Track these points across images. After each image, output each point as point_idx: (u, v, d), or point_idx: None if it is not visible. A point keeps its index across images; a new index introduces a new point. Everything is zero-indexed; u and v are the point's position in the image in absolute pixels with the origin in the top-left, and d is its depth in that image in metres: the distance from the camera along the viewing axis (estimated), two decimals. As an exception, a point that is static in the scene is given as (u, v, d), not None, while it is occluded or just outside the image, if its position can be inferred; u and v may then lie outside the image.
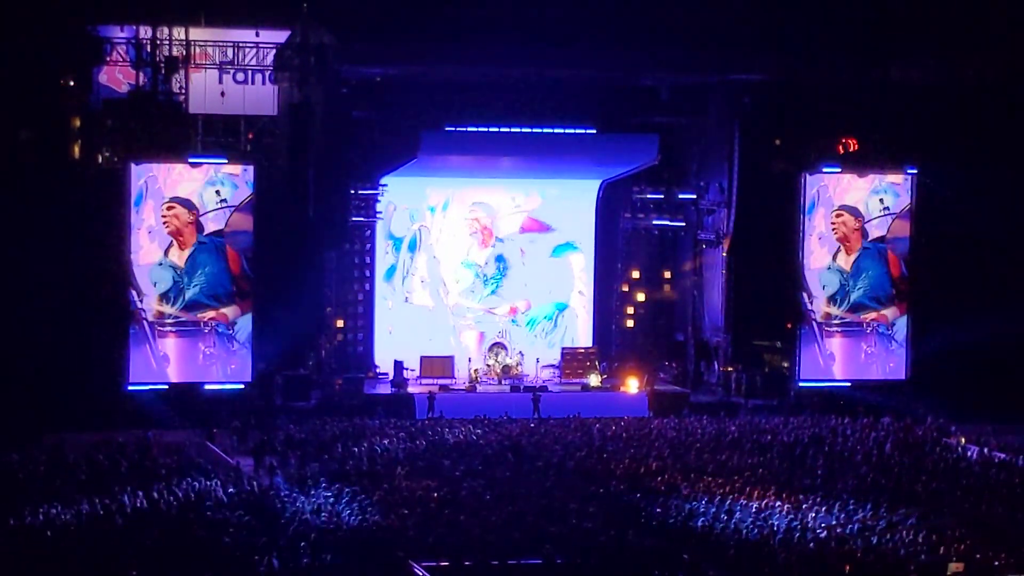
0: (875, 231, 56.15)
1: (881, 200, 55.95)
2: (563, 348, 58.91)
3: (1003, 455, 45.45)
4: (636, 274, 61.92)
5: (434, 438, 46.79)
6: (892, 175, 55.83)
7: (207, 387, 51.98)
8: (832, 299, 56.13)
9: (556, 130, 56.56)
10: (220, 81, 53.71)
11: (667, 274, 62.23)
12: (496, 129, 56.05)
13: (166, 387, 51.66)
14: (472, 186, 59.75)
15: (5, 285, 50.10)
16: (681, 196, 60.60)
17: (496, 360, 58.43)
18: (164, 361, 51.70)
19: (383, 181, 57.09)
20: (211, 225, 51.54)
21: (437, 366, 57.15)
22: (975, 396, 53.18)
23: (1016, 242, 56.33)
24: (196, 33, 52.82)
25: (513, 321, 60.03)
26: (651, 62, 55.57)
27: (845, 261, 56.12)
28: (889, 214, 56.05)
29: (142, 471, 40.99)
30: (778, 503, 38.07)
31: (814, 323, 56.17)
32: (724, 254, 58.34)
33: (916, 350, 56.66)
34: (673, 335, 62.06)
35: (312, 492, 38.28)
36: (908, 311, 56.71)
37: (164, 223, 51.16)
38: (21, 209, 50.48)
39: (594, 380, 57.05)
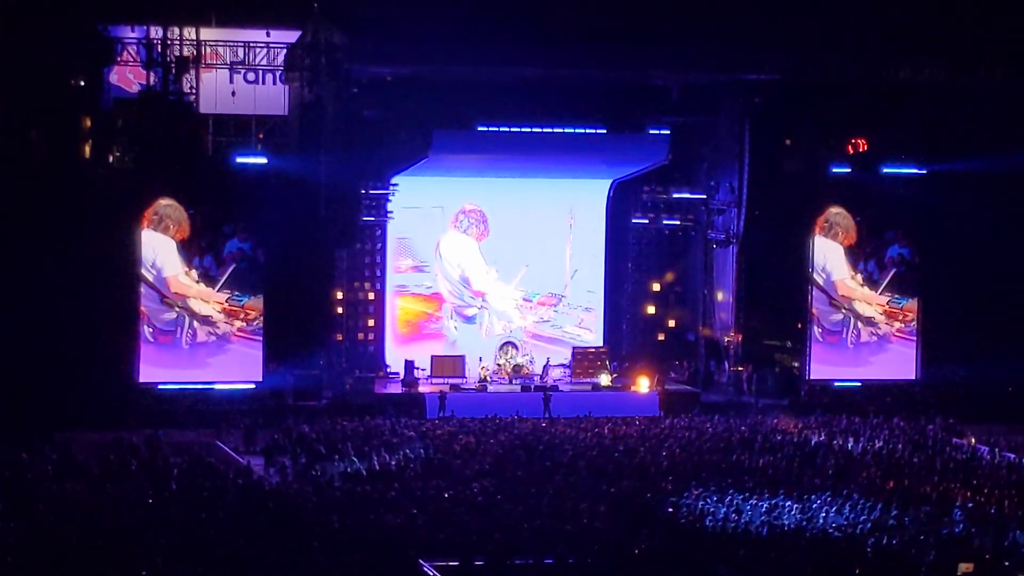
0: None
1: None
2: (574, 348, 58.89)
3: (1012, 455, 45.40)
4: (647, 274, 61.97)
5: (445, 437, 46.81)
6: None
7: (218, 386, 52.09)
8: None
9: (567, 129, 56.49)
10: (231, 81, 53.82)
11: (678, 274, 62.33)
12: (507, 128, 56.03)
13: (176, 386, 51.78)
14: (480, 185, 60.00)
15: (15, 284, 50.17)
16: (692, 196, 60.68)
17: (507, 359, 58.46)
18: (175, 360, 51.84)
19: (394, 180, 57.16)
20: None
21: (448, 365, 57.17)
22: (985, 396, 53.33)
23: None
24: (207, 33, 52.93)
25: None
26: (662, 61, 55.56)
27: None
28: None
29: (152, 470, 41.02)
30: (788, 502, 38.04)
31: (824, 323, 56.34)
32: (735, 254, 58.32)
33: (926, 351, 56.69)
34: (684, 335, 62.06)
35: None
36: (919, 312, 56.77)
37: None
38: (31, 208, 50.57)
39: (605, 380, 57.04)
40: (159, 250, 51.59)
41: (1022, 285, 56.15)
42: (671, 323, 62.22)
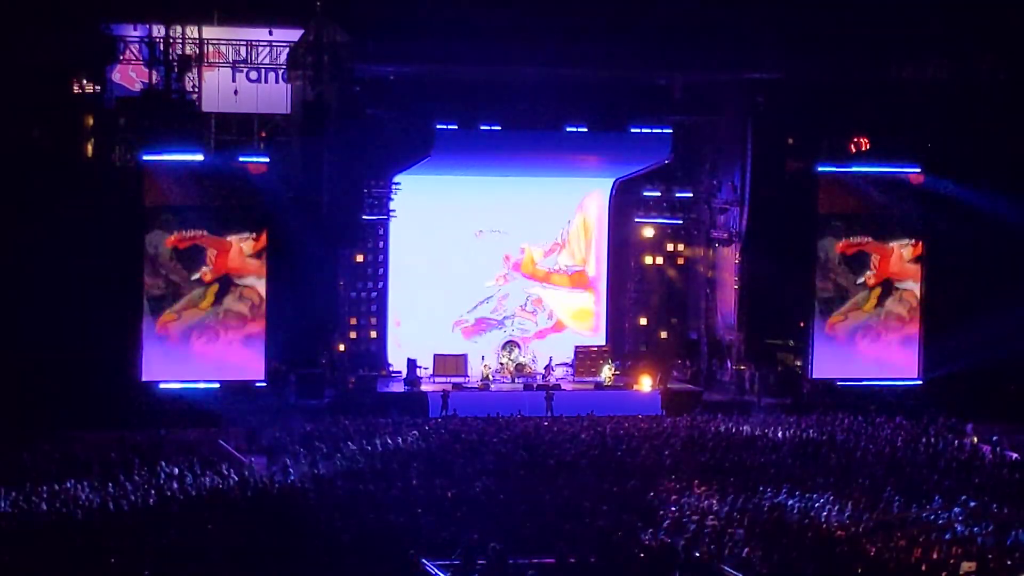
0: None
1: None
2: (576, 347, 58.92)
3: (1015, 455, 45.39)
4: (649, 273, 61.96)
5: (447, 436, 46.82)
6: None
7: (220, 385, 52.09)
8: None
9: (569, 128, 56.48)
10: (233, 79, 53.89)
11: (680, 273, 62.37)
12: (509, 127, 56.03)
13: (179, 385, 51.80)
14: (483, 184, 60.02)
15: (17, 283, 50.19)
16: (694, 195, 60.65)
17: (510, 358, 58.50)
18: (177, 358, 51.91)
19: (396, 179, 57.18)
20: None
21: (450, 364, 57.21)
22: (988, 396, 53.27)
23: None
24: (209, 31, 53.01)
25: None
26: (664, 61, 55.52)
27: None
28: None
29: (154, 469, 40.98)
30: (791, 501, 38.01)
31: (827, 321, 56.36)
32: (737, 252, 58.32)
33: (929, 349, 56.68)
34: (686, 333, 62.07)
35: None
36: (921, 311, 56.77)
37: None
38: (34, 207, 50.54)
39: (607, 372, 57.06)
40: (159, 245, 51.87)
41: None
42: (673, 322, 62.27)
